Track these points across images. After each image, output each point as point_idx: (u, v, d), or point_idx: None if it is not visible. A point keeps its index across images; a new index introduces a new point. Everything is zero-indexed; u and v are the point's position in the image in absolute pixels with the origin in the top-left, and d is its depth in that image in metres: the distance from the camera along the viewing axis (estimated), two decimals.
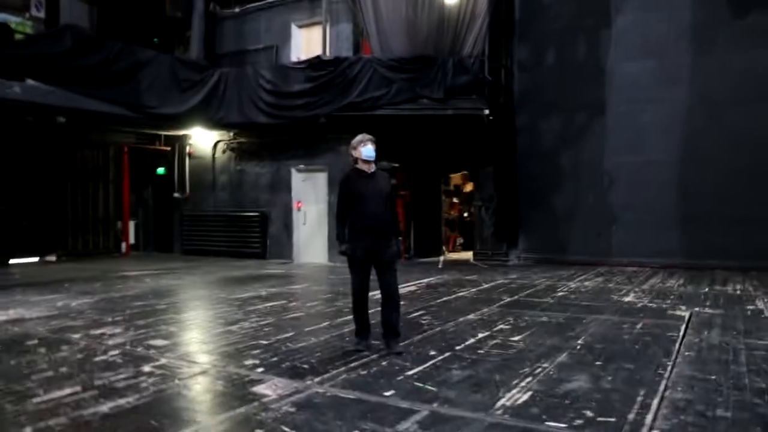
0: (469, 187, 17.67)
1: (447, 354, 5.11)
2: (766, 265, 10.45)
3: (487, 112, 11.64)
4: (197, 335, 5.99)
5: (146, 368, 4.72)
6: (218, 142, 14.28)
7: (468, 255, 14.33)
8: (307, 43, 13.66)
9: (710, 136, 11.25)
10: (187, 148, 14.71)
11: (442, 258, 13.95)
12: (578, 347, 5.32)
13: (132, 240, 15.37)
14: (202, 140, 14.47)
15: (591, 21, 12.36)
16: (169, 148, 14.87)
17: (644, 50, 11.79)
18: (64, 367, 4.75)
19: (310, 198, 13.52)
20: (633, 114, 11.89)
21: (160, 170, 15.10)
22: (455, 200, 17.41)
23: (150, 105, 12.01)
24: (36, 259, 13.45)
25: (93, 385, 4.27)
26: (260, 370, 4.67)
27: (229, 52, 14.27)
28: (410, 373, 4.55)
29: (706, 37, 11.29)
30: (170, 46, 14.56)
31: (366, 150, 5.29)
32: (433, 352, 5.17)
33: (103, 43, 11.39)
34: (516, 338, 5.69)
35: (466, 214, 16.90)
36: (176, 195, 14.88)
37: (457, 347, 5.35)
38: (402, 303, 5.26)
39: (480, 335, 5.83)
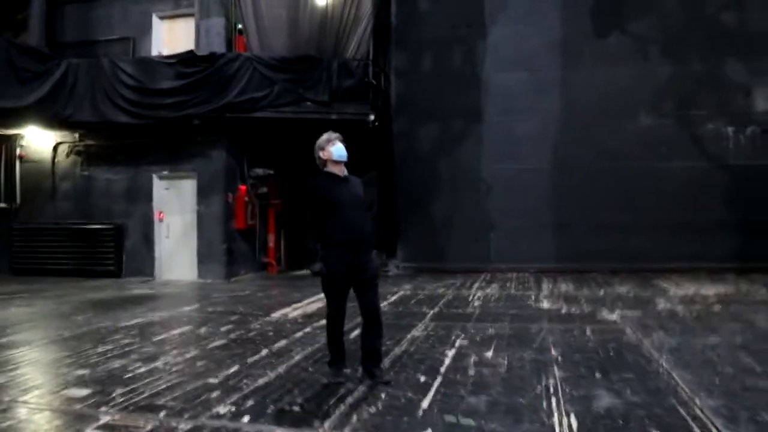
0: None
1: (439, 378, 4.61)
2: (631, 267, 11.29)
3: (372, 117, 11.29)
4: (119, 377, 4.79)
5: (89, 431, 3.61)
6: (60, 143, 12.21)
7: None
8: (170, 36, 12.25)
9: (579, 146, 11.96)
10: (18, 150, 12.40)
11: None
12: (560, 360, 5.12)
13: None
14: (39, 141, 12.28)
15: (467, 30, 12.57)
16: None
17: (518, 62, 12.23)
18: None
19: (174, 208, 12.10)
20: (508, 123, 12.27)
21: None
22: None
23: None
24: None
25: None
26: (246, 419, 3.80)
27: (75, 42, 12.27)
28: (425, 405, 4.00)
29: (574, 52, 12.03)
30: None
31: (336, 149, 4.63)
32: (422, 378, 4.64)
33: None
34: (489, 354, 5.35)
35: None
36: (1, 205, 12.47)
37: (441, 369, 4.88)
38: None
39: (449, 353, 5.42)
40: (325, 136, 4.67)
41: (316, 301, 8.65)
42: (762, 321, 6.65)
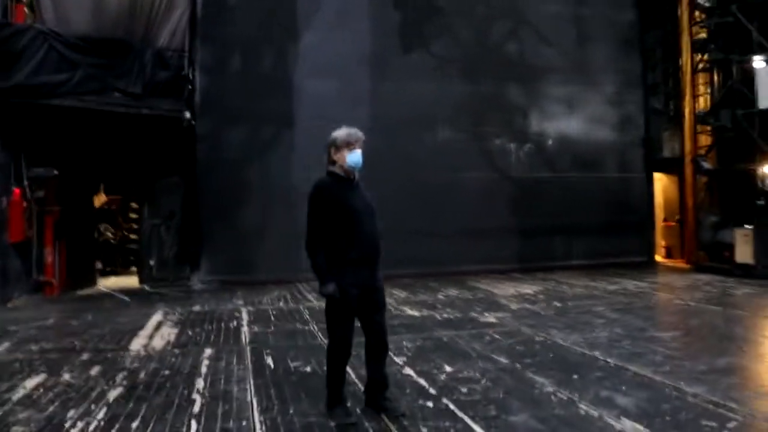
0: (98, 201, 14.99)
1: (447, 401, 4.36)
2: (434, 271, 12.06)
3: (188, 115, 10.16)
4: None
5: None
6: None
7: (129, 281, 12.14)
8: None
9: (386, 156, 12.23)
10: None
11: (106, 287, 11.49)
12: (520, 367, 5.24)
13: None
14: None
15: (278, 32, 12.05)
16: None
17: (329, 69, 12.07)
18: None
19: None
20: (320, 130, 11.77)
21: None
22: None
23: None
24: None
25: None
26: None
27: None
28: None
29: (382, 65, 12.40)
30: None
31: (352, 157, 4.12)
32: (428, 403, 4.35)
33: None
34: (449, 369, 5.23)
35: (117, 234, 14.32)
36: None
37: (432, 390, 4.63)
38: (220, 351, 4.15)
39: (408, 372, 5.16)
40: (344, 133, 4.08)
41: (163, 326, 7.44)
42: (610, 313, 7.74)
